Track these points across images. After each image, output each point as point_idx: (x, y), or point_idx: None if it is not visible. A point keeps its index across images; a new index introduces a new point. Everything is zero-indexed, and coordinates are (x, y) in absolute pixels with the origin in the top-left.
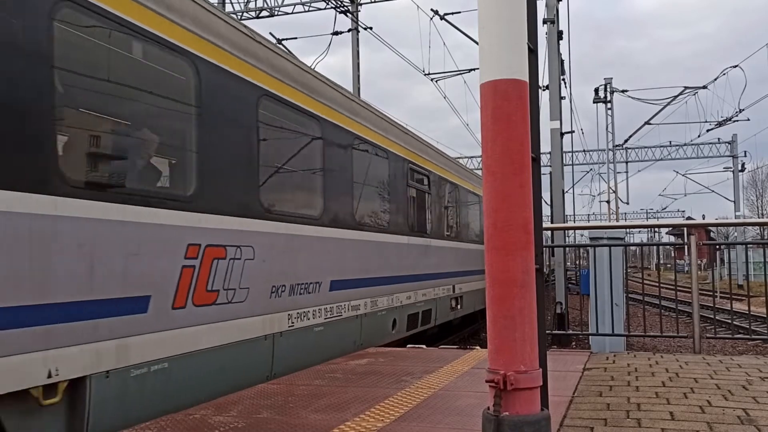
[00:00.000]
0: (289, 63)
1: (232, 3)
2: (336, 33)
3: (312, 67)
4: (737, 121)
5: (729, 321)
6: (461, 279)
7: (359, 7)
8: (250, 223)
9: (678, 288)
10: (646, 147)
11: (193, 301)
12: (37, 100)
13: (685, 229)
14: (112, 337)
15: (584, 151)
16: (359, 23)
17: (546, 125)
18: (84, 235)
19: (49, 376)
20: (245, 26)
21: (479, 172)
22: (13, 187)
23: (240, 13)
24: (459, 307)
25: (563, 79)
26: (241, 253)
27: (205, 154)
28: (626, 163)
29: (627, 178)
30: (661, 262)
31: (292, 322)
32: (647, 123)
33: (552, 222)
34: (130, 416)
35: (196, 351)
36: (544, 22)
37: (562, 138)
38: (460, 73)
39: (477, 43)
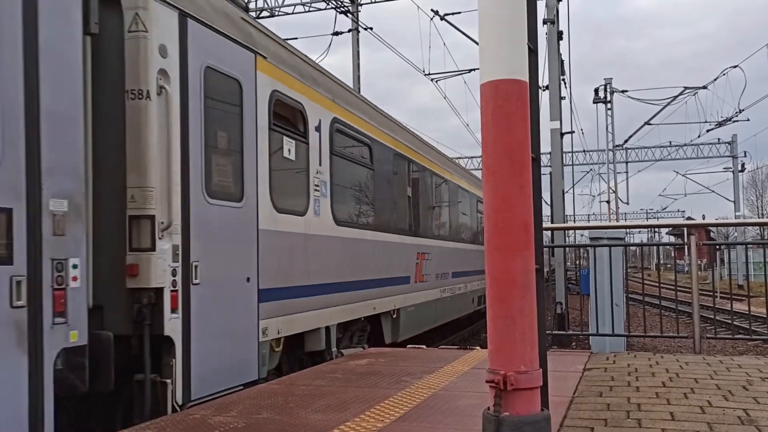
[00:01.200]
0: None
1: None
2: (336, 33)
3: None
4: (737, 121)
5: (729, 321)
6: None
7: (359, 7)
8: (431, 241)
9: (678, 288)
10: (646, 147)
11: (419, 279)
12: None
13: (685, 229)
14: (402, 293)
15: (584, 151)
16: (359, 23)
17: (546, 125)
18: (399, 249)
19: (393, 307)
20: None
21: (479, 173)
22: (393, 232)
23: None
24: None
25: (563, 80)
26: (428, 256)
27: (426, 214)
28: (626, 163)
29: (627, 179)
30: (661, 262)
31: (441, 294)
32: (647, 123)
33: (552, 222)
34: (407, 328)
35: (419, 303)
36: (544, 22)
37: (562, 138)
38: (460, 73)
39: (477, 43)
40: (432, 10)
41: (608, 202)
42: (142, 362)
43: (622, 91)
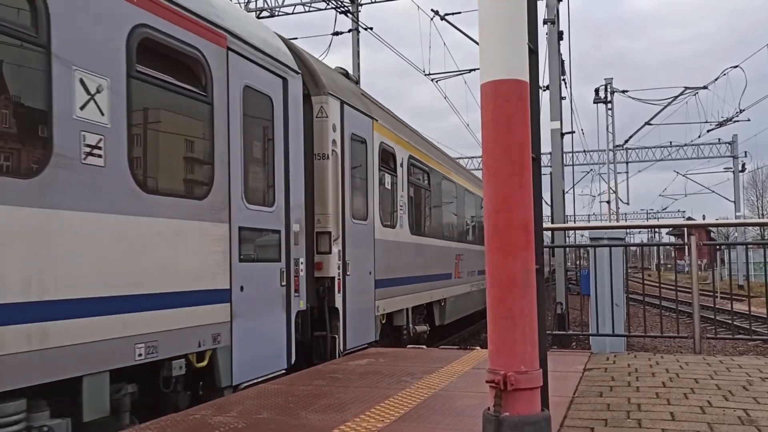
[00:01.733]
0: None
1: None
2: (336, 33)
3: None
4: (738, 121)
5: (729, 321)
6: None
7: (359, 7)
8: (463, 245)
9: (678, 288)
10: (646, 147)
11: (457, 276)
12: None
13: (686, 229)
14: (447, 286)
15: (584, 151)
16: (359, 23)
17: (546, 125)
18: (445, 251)
19: (442, 296)
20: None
21: (479, 173)
22: (442, 238)
23: None
24: None
25: (563, 80)
26: (462, 257)
27: (460, 222)
28: (627, 163)
29: (627, 179)
30: (662, 262)
31: (471, 288)
32: (647, 123)
33: (552, 222)
34: (450, 314)
35: (457, 295)
36: (545, 22)
37: (562, 138)
38: (460, 73)
39: (477, 43)
40: (432, 10)
41: (608, 202)
42: (321, 324)
43: (623, 91)
